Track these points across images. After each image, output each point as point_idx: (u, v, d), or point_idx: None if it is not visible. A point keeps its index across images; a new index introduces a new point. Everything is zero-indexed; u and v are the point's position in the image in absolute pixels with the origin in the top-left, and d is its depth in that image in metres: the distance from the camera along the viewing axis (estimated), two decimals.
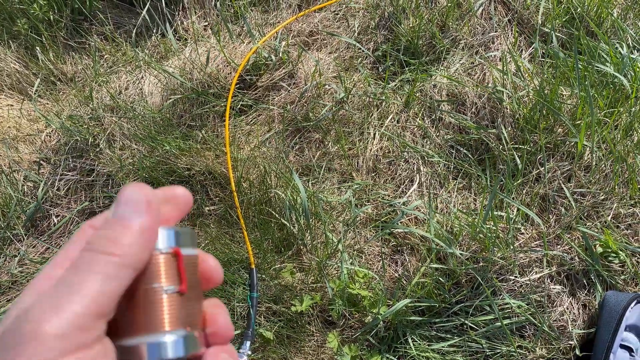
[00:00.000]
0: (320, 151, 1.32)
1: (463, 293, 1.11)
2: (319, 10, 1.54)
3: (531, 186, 1.21)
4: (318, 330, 1.13)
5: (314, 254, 1.19)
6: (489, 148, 1.27)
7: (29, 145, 1.49)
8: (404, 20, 1.46)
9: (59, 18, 1.64)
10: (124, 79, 1.50)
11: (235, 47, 1.46)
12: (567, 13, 1.43)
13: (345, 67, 1.44)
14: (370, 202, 1.25)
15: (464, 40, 1.43)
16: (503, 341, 1.08)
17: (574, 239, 1.15)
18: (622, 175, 1.19)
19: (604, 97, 1.25)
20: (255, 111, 1.40)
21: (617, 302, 1.04)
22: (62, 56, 1.62)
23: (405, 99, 1.35)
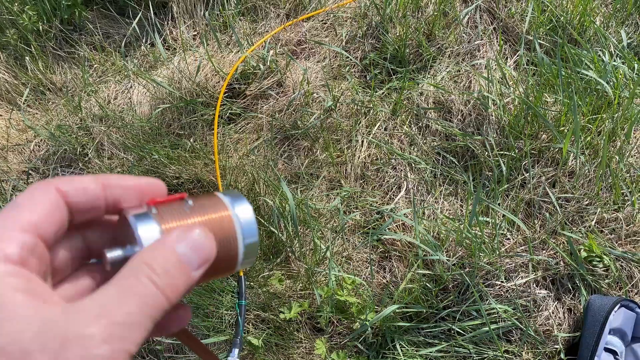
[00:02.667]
0: (308, 159, 1.33)
1: (450, 298, 1.12)
2: (306, 20, 1.56)
3: (516, 192, 1.22)
4: (306, 337, 1.14)
5: (303, 261, 1.19)
6: (474, 154, 1.28)
7: (18, 155, 1.50)
8: (391, 29, 1.47)
9: (48, 28, 1.64)
10: (112, 89, 1.51)
11: (223, 56, 1.47)
12: (551, 21, 1.45)
13: (333, 75, 1.45)
14: (359, 209, 1.26)
15: (450, 48, 1.45)
16: (490, 346, 1.08)
17: (559, 243, 1.16)
18: (606, 181, 1.21)
19: (588, 104, 1.27)
20: (243, 119, 1.41)
21: (601, 306, 1.05)
22: (51, 66, 1.63)
23: (393, 106, 1.37)
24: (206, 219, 0.30)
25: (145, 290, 0.25)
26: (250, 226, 0.31)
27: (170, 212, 0.30)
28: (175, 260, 0.27)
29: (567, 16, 1.44)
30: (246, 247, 0.31)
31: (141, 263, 0.26)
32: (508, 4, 1.51)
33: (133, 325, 0.24)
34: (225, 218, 0.31)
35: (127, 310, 0.24)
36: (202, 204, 0.31)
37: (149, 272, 0.26)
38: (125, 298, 0.25)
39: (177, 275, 0.27)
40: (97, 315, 0.24)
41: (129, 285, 0.25)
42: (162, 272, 0.26)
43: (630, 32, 1.45)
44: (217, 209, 0.31)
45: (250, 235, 0.31)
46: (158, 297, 0.26)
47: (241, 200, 0.32)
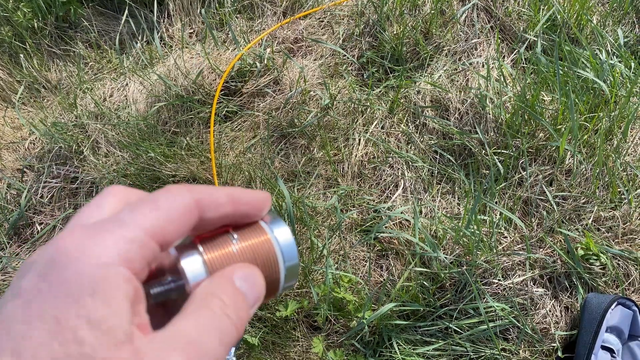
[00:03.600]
0: (305, 157, 1.33)
1: (447, 297, 1.12)
2: (303, 18, 1.55)
3: (514, 190, 1.22)
4: (303, 336, 1.13)
5: (300, 259, 1.19)
6: (472, 153, 1.28)
7: (13, 152, 1.48)
8: (388, 27, 1.47)
9: (44, 25, 1.63)
10: (108, 86, 1.50)
11: (220, 53, 1.46)
12: (548, 20, 1.45)
13: (330, 73, 1.45)
14: (356, 208, 1.26)
15: (448, 47, 1.45)
16: (487, 344, 1.08)
17: (556, 242, 1.16)
18: (603, 179, 1.21)
19: (585, 102, 1.27)
20: (240, 117, 1.40)
21: (598, 304, 1.06)
22: (46, 63, 1.62)
23: (390, 105, 1.36)
24: (248, 245, 0.30)
25: (222, 324, 0.26)
26: (290, 248, 0.31)
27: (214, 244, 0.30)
28: (238, 293, 0.27)
29: (564, 15, 1.44)
30: (287, 269, 0.31)
31: (209, 294, 0.26)
32: (505, 2, 1.51)
33: (215, 358, 0.25)
34: (266, 242, 0.31)
35: (211, 343, 0.25)
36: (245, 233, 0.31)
37: (220, 304, 0.26)
38: (207, 329, 0.25)
39: (241, 308, 0.27)
40: (184, 348, 0.24)
41: (207, 318, 0.25)
42: (231, 305, 0.26)
43: (627, 31, 1.46)
44: (257, 234, 0.31)
45: (291, 257, 0.32)
46: (232, 330, 0.26)
47: (279, 223, 0.32)
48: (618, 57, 1.38)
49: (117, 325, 0.23)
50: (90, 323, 0.22)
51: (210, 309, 0.26)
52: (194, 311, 0.26)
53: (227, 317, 0.26)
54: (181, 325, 0.25)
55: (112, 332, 0.22)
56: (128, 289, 0.24)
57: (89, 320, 0.22)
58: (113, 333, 0.22)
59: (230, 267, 0.28)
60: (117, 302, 0.23)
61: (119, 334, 0.23)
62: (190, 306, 0.26)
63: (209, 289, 0.27)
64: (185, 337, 0.24)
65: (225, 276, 0.28)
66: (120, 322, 0.23)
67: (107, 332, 0.22)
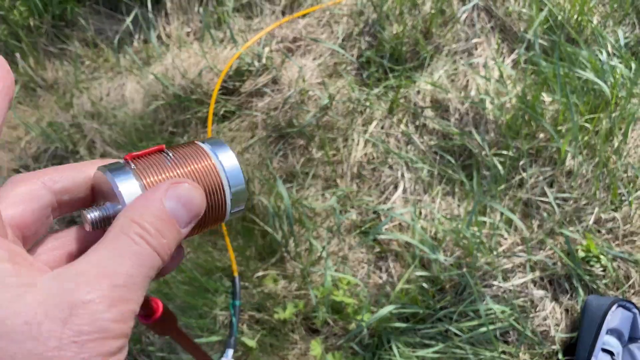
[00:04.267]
0: (304, 157, 1.31)
1: (447, 299, 1.11)
2: (302, 17, 1.54)
3: (514, 192, 1.22)
4: (301, 338, 1.12)
5: (298, 261, 1.18)
6: (472, 154, 1.27)
7: (8, 152, 1.47)
8: (387, 26, 1.46)
9: (40, 24, 1.62)
10: (105, 86, 1.49)
11: (218, 52, 1.45)
12: (548, 20, 1.44)
13: (329, 73, 1.44)
14: (355, 209, 1.25)
15: (448, 46, 1.44)
16: (487, 347, 1.07)
17: (557, 243, 1.16)
18: (603, 180, 1.20)
19: (585, 103, 1.27)
20: (238, 117, 1.39)
21: (598, 306, 1.05)
22: (42, 62, 1.60)
23: (389, 105, 1.35)
24: (189, 170, 0.29)
25: (141, 250, 0.24)
26: (236, 173, 0.30)
27: (150, 166, 0.28)
28: (165, 217, 0.26)
29: (564, 15, 1.43)
30: (234, 194, 0.30)
31: (130, 221, 0.25)
32: (505, 2, 1.50)
33: (134, 286, 0.24)
34: (209, 167, 0.29)
35: (127, 271, 0.23)
36: (183, 154, 0.29)
37: (140, 231, 0.25)
38: (123, 259, 0.24)
39: (168, 232, 0.26)
40: (97, 278, 0.23)
41: (124, 246, 0.24)
42: (153, 230, 0.25)
43: (628, 32, 1.45)
44: (199, 159, 0.29)
45: (237, 182, 0.30)
46: (153, 256, 0.25)
47: (223, 147, 0.30)
48: (618, 58, 1.37)
49: (4, 283, 0.21)
50: None
51: (127, 235, 0.24)
52: (110, 240, 0.24)
53: (146, 243, 0.24)
54: (94, 256, 0.24)
55: (1, 292, 0.21)
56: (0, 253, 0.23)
57: None
58: (2, 293, 0.21)
59: (160, 185, 0.26)
60: None
61: (8, 291, 0.21)
62: (108, 234, 0.25)
63: (130, 215, 0.25)
64: (96, 269, 0.23)
65: (152, 198, 0.26)
66: (5, 281, 0.22)
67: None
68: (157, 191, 0.26)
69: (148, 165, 0.28)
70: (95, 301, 0.22)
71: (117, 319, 0.22)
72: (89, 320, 0.22)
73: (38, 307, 0.21)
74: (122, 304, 0.23)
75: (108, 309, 0.22)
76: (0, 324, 0.21)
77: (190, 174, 0.28)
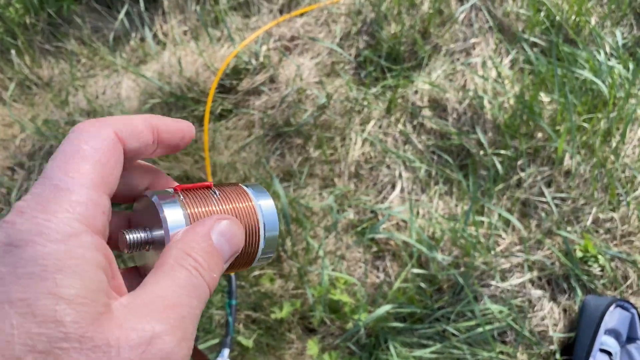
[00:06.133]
0: (301, 156, 1.31)
1: (444, 299, 1.11)
2: (300, 16, 1.53)
3: (512, 191, 1.21)
4: (298, 338, 1.11)
5: (295, 260, 1.17)
6: (470, 153, 1.27)
7: (3, 150, 1.46)
8: (385, 26, 1.46)
9: (36, 22, 1.61)
10: (101, 83, 1.48)
11: (215, 51, 1.44)
12: (547, 20, 1.44)
13: (326, 72, 1.43)
14: (352, 208, 1.24)
15: (446, 46, 1.44)
16: (484, 347, 1.07)
17: (555, 243, 1.15)
18: (601, 181, 1.20)
19: (583, 103, 1.26)
20: (235, 116, 1.38)
21: (596, 306, 1.04)
22: (38, 60, 1.59)
23: (387, 104, 1.35)
24: (231, 208, 0.29)
25: (198, 283, 0.25)
26: (273, 218, 0.31)
27: (197, 198, 0.29)
28: (214, 251, 0.26)
29: (562, 16, 1.43)
30: (267, 240, 0.31)
31: (184, 253, 0.25)
32: (503, 2, 1.50)
33: (195, 318, 0.24)
34: (249, 208, 0.30)
35: (189, 303, 0.24)
36: (228, 192, 0.30)
37: (195, 264, 0.25)
38: (184, 291, 0.24)
39: (216, 267, 0.26)
40: (165, 310, 0.23)
41: (182, 278, 0.24)
42: (205, 264, 0.25)
43: (625, 32, 1.45)
44: (241, 199, 0.30)
45: (272, 228, 0.31)
46: (206, 290, 0.25)
47: (264, 193, 0.32)
48: (616, 59, 1.37)
49: (93, 297, 0.21)
50: (66, 300, 0.21)
51: (185, 268, 0.25)
52: (169, 271, 0.24)
53: (201, 277, 0.25)
54: (157, 287, 0.24)
55: (90, 306, 0.21)
56: (96, 256, 0.22)
57: (63, 297, 0.20)
58: (91, 306, 0.21)
59: (209, 218, 0.27)
60: (88, 274, 0.21)
61: (97, 306, 0.21)
62: (165, 265, 0.25)
63: (184, 246, 0.25)
64: (162, 300, 0.23)
65: (201, 232, 0.26)
66: (96, 294, 0.22)
67: (84, 306, 0.21)
68: (204, 225, 0.27)
69: (195, 197, 0.29)
70: (166, 333, 0.22)
71: (185, 354, 0.23)
72: (161, 354, 0.22)
73: (119, 332, 0.21)
74: (188, 339, 0.23)
75: (178, 343, 0.23)
76: (83, 338, 0.21)
77: (232, 211, 0.29)
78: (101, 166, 0.24)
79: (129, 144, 0.26)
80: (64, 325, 0.20)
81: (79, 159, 0.24)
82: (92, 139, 0.25)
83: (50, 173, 0.23)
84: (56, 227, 0.22)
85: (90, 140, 0.25)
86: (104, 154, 0.24)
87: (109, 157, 0.25)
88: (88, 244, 0.22)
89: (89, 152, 0.24)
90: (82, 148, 0.24)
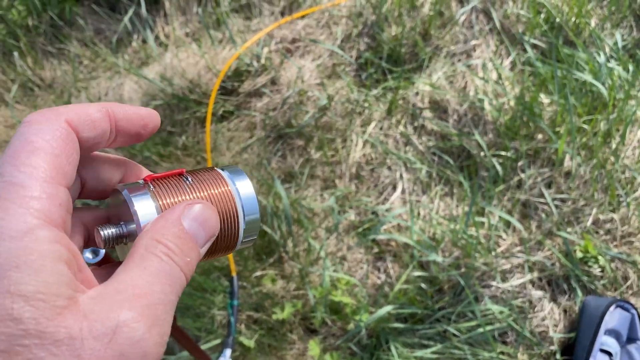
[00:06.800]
0: (302, 158, 1.31)
1: (445, 300, 1.11)
2: (301, 18, 1.54)
3: (512, 192, 1.22)
4: (300, 338, 1.12)
5: (296, 261, 1.17)
6: (470, 155, 1.27)
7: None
8: (386, 28, 1.46)
9: (38, 24, 1.62)
10: (103, 85, 1.49)
11: (216, 53, 1.45)
12: (547, 22, 1.45)
13: (328, 74, 1.44)
14: (353, 209, 1.25)
15: (446, 48, 1.44)
16: (485, 347, 1.07)
17: (555, 244, 1.16)
18: (601, 182, 1.21)
19: (583, 105, 1.27)
20: (237, 117, 1.39)
21: (596, 306, 1.05)
22: (40, 62, 1.60)
23: (388, 106, 1.36)
24: (205, 195, 0.29)
25: (170, 269, 0.24)
26: (251, 202, 0.30)
27: (168, 188, 0.28)
28: (186, 236, 0.26)
29: (562, 17, 1.44)
30: (247, 223, 0.30)
31: (154, 241, 0.25)
32: (504, 4, 1.50)
33: (168, 305, 0.24)
34: (226, 193, 0.30)
35: (161, 289, 0.24)
36: (201, 179, 0.30)
37: (166, 250, 0.25)
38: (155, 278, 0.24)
39: (190, 251, 0.26)
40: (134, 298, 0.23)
41: (153, 265, 0.24)
42: (177, 249, 0.25)
43: (625, 34, 1.46)
44: (216, 184, 0.30)
45: (252, 211, 0.30)
46: (180, 275, 0.25)
47: (241, 175, 0.31)
48: (616, 60, 1.38)
49: (53, 291, 0.21)
50: (23, 297, 0.20)
51: (155, 255, 0.24)
52: (139, 260, 0.24)
53: (174, 263, 0.25)
54: (127, 276, 0.24)
55: (50, 300, 0.21)
56: (56, 249, 0.22)
57: (20, 293, 0.20)
58: (51, 301, 0.21)
59: (178, 205, 0.27)
60: (46, 268, 0.21)
61: (58, 300, 0.21)
62: (135, 254, 0.25)
63: (154, 234, 0.25)
64: (132, 289, 0.23)
65: (171, 218, 0.26)
66: (57, 288, 0.21)
67: (43, 302, 0.21)
68: (174, 211, 0.26)
69: (166, 187, 0.28)
70: (134, 321, 0.22)
71: (157, 341, 0.23)
72: (130, 342, 0.22)
73: (82, 323, 0.21)
74: (160, 326, 0.23)
75: (148, 330, 0.22)
76: (43, 333, 0.20)
77: (207, 198, 0.29)
78: (54, 157, 0.23)
79: (83, 133, 0.26)
80: (23, 322, 0.20)
81: (30, 151, 0.23)
82: (42, 130, 0.24)
83: (2, 169, 0.23)
84: (9, 225, 0.21)
85: (41, 132, 0.24)
86: (56, 145, 0.24)
87: (62, 148, 0.24)
88: (45, 238, 0.22)
89: (40, 144, 0.23)
90: (32, 140, 0.23)
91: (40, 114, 0.25)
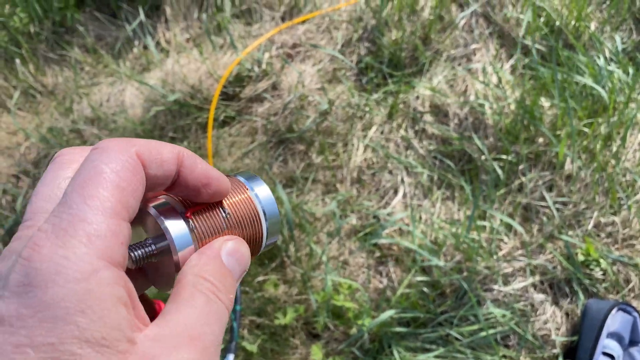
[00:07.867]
0: (304, 163, 1.32)
1: (447, 303, 1.11)
2: (302, 23, 1.55)
3: (514, 196, 1.22)
4: (302, 343, 1.12)
5: (298, 265, 1.18)
6: (471, 159, 1.28)
7: (8, 158, 1.47)
8: (386, 32, 1.47)
9: (40, 30, 1.62)
10: (105, 91, 1.49)
11: (218, 58, 1.45)
12: (546, 26, 1.45)
13: (328, 79, 1.44)
14: (355, 213, 1.25)
15: (446, 52, 1.45)
16: (487, 351, 1.07)
17: (557, 247, 1.16)
18: (602, 185, 1.21)
19: (583, 108, 1.27)
20: (238, 122, 1.40)
21: (598, 310, 1.05)
22: (42, 68, 1.60)
23: (389, 110, 1.36)
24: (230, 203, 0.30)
25: (218, 308, 0.25)
26: (271, 205, 0.31)
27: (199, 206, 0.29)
28: (226, 272, 0.27)
29: (562, 21, 1.45)
30: (269, 225, 0.31)
31: (200, 279, 0.25)
32: (503, 8, 1.51)
33: (218, 346, 0.24)
34: (247, 200, 0.30)
35: (212, 331, 0.24)
36: None
37: (212, 288, 0.25)
38: (206, 318, 0.24)
39: (231, 287, 0.27)
40: (190, 341, 0.23)
41: (203, 304, 0.25)
42: (221, 286, 0.26)
43: (625, 38, 1.46)
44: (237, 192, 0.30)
45: (272, 214, 0.31)
46: (226, 313, 0.26)
47: (258, 181, 0.32)
48: (616, 64, 1.38)
49: (116, 336, 0.21)
50: (89, 342, 0.21)
51: (203, 293, 0.25)
52: (189, 297, 0.25)
53: (220, 302, 0.25)
54: (180, 315, 0.24)
55: (114, 345, 0.21)
56: (117, 291, 0.22)
57: (87, 339, 0.21)
58: (115, 346, 0.21)
59: (217, 241, 0.27)
60: (109, 312, 0.21)
61: (120, 344, 0.21)
62: (183, 291, 0.25)
63: (198, 270, 0.26)
64: (187, 330, 0.24)
65: (212, 254, 0.26)
66: (119, 332, 0.22)
67: (108, 347, 0.21)
68: (213, 247, 0.27)
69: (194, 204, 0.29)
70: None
71: None
72: None
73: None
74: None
75: None
76: None
77: (231, 205, 0.29)
78: (120, 191, 0.23)
79: (150, 170, 0.25)
80: None
81: (98, 182, 0.23)
82: (113, 160, 0.24)
83: (69, 199, 0.23)
84: (75, 266, 0.21)
85: (111, 161, 0.24)
86: (124, 177, 0.24)
87: (130, 180, 0.24)
88: (108, 279, 0.22)
89: (108, 175, 0.23)
90: (102, 170, 0.23)
91: (112, 141, 0.25)
